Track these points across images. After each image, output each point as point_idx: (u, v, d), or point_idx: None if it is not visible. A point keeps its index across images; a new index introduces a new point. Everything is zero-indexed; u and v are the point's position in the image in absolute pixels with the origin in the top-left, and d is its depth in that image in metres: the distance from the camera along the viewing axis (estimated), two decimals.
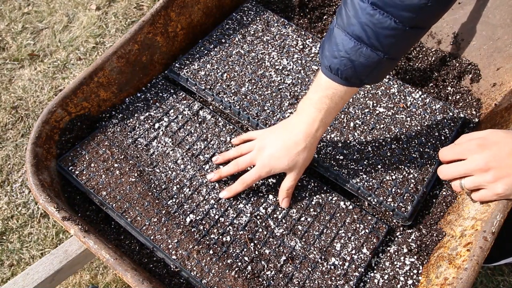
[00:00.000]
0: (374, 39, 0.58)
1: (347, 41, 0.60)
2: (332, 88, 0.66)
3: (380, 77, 0.67)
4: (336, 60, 0.62)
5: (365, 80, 0.64)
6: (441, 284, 0.61)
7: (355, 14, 0.58)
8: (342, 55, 0.61)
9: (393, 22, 0.57)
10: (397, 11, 0.56)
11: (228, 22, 1.03)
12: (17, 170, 1.44)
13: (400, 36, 0.58)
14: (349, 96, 0.68)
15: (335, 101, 0.67)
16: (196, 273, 0.71)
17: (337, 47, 0.61)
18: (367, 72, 0.62)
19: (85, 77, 0.84)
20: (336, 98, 0.67)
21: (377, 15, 0.57)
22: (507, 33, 0.90)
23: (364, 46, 0.59)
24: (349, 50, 0.60)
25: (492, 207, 0.62)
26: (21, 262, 1.27)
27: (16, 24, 1.82)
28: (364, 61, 0.60)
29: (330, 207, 0.79)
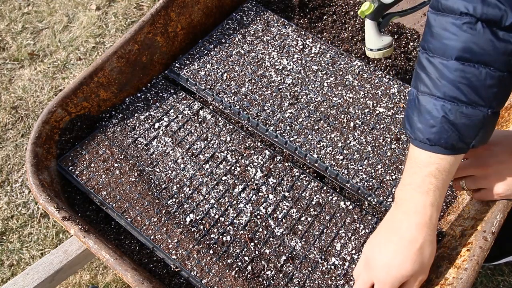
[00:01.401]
0: (472, 94, 0.52)
1: (441, 105, 0.53)
2: (436, 163, 0.56)
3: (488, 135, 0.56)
4: (435, 129, 0.54)
5: (473, 142, 0.55)
6: (441, 284, 0.61)
7: (441, 75, 0.53)
8: (440, 121, 0.54)
9: (489, 70, 0.51)
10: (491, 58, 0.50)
11: (228, 22, 1.03)
12: (17, 170, 1.44)
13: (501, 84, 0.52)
14: (455, 167, 0.57)
15: (442, 177, 0.56)
16: (196, 273, 0.71)
17: (431, 114, 0.54)
18: (474, 133, 0.54)
19: (85, 77, 0.84)
20: (443, 173, 0.56)
21: (468, 69, 0.51)
22: None
23: (463, 106, 0.53)
24: (447, 114, 0.53)
25: (492, 207, 0.62)
26: (21, 262, 1.27)
27: (16, 24, 1.82)
28: (467, 122, 0.53)
29: (330, 207, 0.79)
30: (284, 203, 0.79)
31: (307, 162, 0.83)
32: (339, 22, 1.07)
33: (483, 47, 0.50)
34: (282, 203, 0.79)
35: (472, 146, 0.55)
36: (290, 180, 0.82)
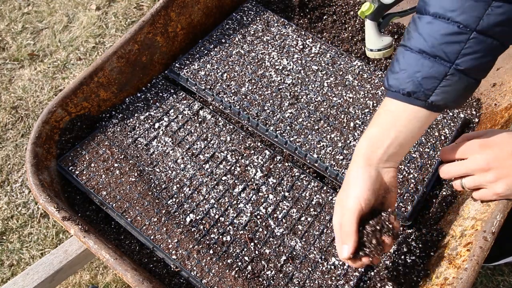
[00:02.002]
0: (437, 47, 0.54)
1: (409, 54, 0.57)
2: (392, 110, 0.59)
3: (453, 96, 0.57)
4: (397, 75, 0.58)
5: (432, 96, 0.56)
6: (441, 284, 0.61)
7: (416, 29, 0.56)
8: (403, 68, 0.57)
9: (457, 28, 0.53)
10: (462, 14, 0.52)
11: (228, 22, 1.03)
12: (17, 170, 1.44)
13: (468, 43, 0.53)
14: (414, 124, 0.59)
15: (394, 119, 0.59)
16: (196, 273, 0.71)
17: (398, 62, 0.58)
18: (433, 85, 0.56)
19: (85, 77, 0.84)
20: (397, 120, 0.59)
21: (438, 23, 0.54)
22: None
23: (427, 57, 0.55)
24: (412, 63, 0.56)
25: (492, 207, 0.62)
26: (21, 262, 1.27)
27: (16, 24, 1.82)
28: (428, 73, 0.56)
29: (330, 207, 0.79)
30: (284, 203, 0.79)
31: (307, 162, 0.83)
32: (339, 22, 1.07)
33: (456, 3, 0.52)
34: (282, 203, 0.79)
35: (431, 102, 0.56)
36: (290, 180, 0.82)
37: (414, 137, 0.60)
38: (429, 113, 0.58)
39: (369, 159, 0.59)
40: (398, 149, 0.59)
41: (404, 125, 0.59)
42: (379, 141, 0.59)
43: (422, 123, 0.59)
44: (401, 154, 0.60)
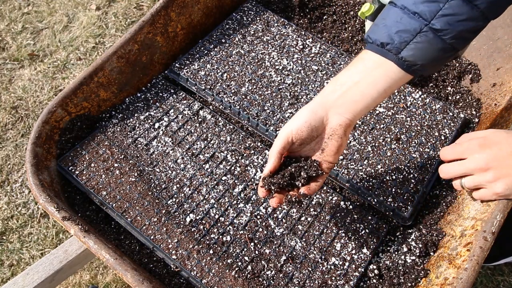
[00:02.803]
0: (417, 5, 0.55)
1: (392, 9, 0.57)
2: (366, 55, 0.59)
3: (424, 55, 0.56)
4: (376, 28, 0.58)
5: (403, 51, 0.56)
6: (441, 284, 0.61)
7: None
8: (383, 21, 0.58)
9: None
10: None
11: (228, 22, 1.03)
12: (17, 170, 1.44)
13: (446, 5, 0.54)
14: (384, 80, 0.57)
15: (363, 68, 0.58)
16: (196, 273, 0.71)
17: (381, 17, 0.59)
18: (406, 39, 0.56)
19: (85, 77, 0.84)
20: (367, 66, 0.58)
21: None
22: (507, 33, 0.90)
23: (407, 13, 0.56)
24: (392, 18, 0.57)
25: (492, 207, 0.62)
26: (21, 262, 1.27)
27: (16, 24, 1.82)
28: (403, 27, 0.56)
29: (330, 207, 0.79)
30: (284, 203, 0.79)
31: None
32: (339, 22, 1.07)
33: None
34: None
35: (402, 58, 0.56)
36: None
37: (379, 94, 0.58)
38: (398, 71, 0.57)
39: (324, 100, 0.59)
40: (357, 97, 0.58)
41: (371, 76, 0.58)
42: (341, 85, 0.59)
43: (390, 81, 0.58)
44: (359, 107, 0.58)
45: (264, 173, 0.59)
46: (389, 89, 0.58)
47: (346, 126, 0.59)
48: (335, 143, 0.59)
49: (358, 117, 0.60)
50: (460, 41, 0.56)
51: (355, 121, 0.60)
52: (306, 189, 0.59)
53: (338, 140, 0.59)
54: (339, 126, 0.58)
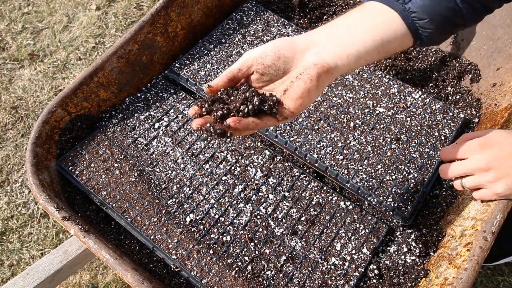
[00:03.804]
0: None
1: None
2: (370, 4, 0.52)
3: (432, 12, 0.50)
4: None
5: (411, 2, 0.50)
6: (441, 284, 0.61)
7: None
8: None
9: None
10: None
11: (228, 22, 1.03)
12: (17, 170, 1.44)
13: None
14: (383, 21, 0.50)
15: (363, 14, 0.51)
16: (196, 273, 0.71)
17: None
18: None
19: (85, 77, 0.84)
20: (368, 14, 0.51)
21: None
22: (507, 33, 0.90)
23: None
24: None
25: (492, 207, 0.62)
26: (21, 262, 1.27)
27: (16, 24, 1.81)
28: None
29: (330, 207, 0.79)
30: (284, 203, 0.79)
31: (307, 162, 0.83)
32: None
33: None
34: (282, 203, 0.79)
35: (408, 9, 0.50)
36: (290, 180, 0.82)
37: (374, 42, 0.49)
38: (401, 25, 0.50)
39: (307, 35, 0.50)
40: (346, 40, 0.49)
41: (369, 22, 0.50)
42: (331, 26, 0.51)
43: (389, 32, 0.50)
44: (346, 51, 0.49)
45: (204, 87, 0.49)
46: (387, 43, 0.50)
47: (321, 69, 0.48)
48: (301, 85, 0.47)
49: (341, 67, 0.49)
50: (471, 10, 0.51)
51: (337, 70, 0.49)
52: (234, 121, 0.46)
53: (307, 82, 0.47)
54: (314, 65, 0.48)
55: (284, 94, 0.48)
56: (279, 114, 0.48)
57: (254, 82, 0.50)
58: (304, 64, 0.48)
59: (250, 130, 0.48)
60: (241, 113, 0.47)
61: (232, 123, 0.46)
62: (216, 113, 0.47)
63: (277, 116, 0.48)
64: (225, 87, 0.49)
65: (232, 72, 0.49)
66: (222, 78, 0.49)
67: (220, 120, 0.47)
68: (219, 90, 0.49)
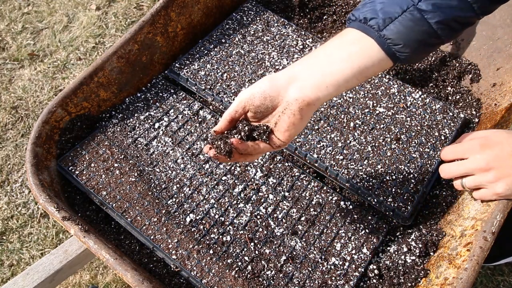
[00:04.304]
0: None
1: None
2: (348, 32, 0.55)
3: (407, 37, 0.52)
4: (362, 6, 0.55)
5: (385, 30, 0.52)
6: (441, 284, 0.61)
7: None
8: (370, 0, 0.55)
9: None
10: None
11: (228, 22, 1.03)
12: (17, 170, 1.44)
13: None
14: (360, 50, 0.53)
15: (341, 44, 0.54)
16: (196, 272, 0.71)
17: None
18: (391, 16, 0.52)
19: (85, 77, 0.84)
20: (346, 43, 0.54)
21: None
22: (507, 33, 0.90)
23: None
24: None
25: (492, 207, 0.62)
26: (21, 262, 1.27)
27: (16, 24, 1.82)
28: (389, 4, 0.53)
29: (330, 207, 0.79)
30: (284, 203, 0.79)
31: (307, 162, 0.83)
32: (339, 22, 1.07)
33: None
34: (282, 203, 0.79)
35: (383, 36, 0.53)
36: (290, 180, 0.82)
37: (352, 72, 0.53)
38: (378, 50, 0.53)
39: (289, 70, 0.54)
40: (325, 71, 0.52)
41: (347, 51, 0.53)
42: (311, 57, 0.54)
43: (367, 59, 0.53)
44: (326, 82, 0.52)
45: (211, 132, 0.56)
46: (365, 70, 0.53)
47: (302, 103, 0.52)
48: (286, 119, 0.53)
49: (322, 97, 0.53)
50: (446, 29, 0.53)
51: (318, 101, 0.53)
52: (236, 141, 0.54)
53: (290, 116, 0.52)
54: (295, 100, 0.52)
55: (275, 126, 0.55)
56: (271, 142, 0.55)
57: (251, 119, 0.56)
58: (287, 100, 0.53)
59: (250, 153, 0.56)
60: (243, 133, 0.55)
61: (234, 141, 0.54)
62: (220, 145, 0.56)
63: (270, 144, 0.55)
64: (228, 128, 0.57)
65: (230, 115, 0.55)
66: (223, 121, 0.56)
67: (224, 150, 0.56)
68: (223, 132, 0.57)
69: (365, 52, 0.53)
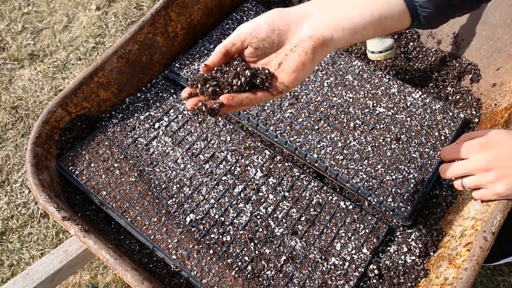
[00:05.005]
0: None
1: None
2: None
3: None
4: None
5: None
6: (441, 284, 0.61)
7: None
8: None
9: None
10: None
11: (228, 22, 1.03)
12: (17, 170, 1.44)
13: None
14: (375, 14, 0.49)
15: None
16: (196, 273, 0.71)
17: None
18: None
19: (85, 77, 0.84)
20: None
21: None
22: (507, 33, 0.90)
23: None
24: None
25: (492, 207, 0.62)
26: (21, 262, 1.27)
27: (16, 24, 1.82)
28: None
29: (330, 207, 0.79)
30: (284, 203, 0.79)
31: (307, 162, 0.83)
32: None
33: None
34: (282, 203, 0.79)
35: None
36: (290, 180, 0.82)
37: (371, 17, 0.48)
38: (400, 3, 0.49)
39: (302, 7, 0.49)
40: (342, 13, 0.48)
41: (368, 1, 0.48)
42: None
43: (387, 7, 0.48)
44: (342, 24, 0.48)
45: (201, 67, 0.48)
46: (383, 20, 0.49)
47: (317, 42, 0.46)
48: (296, 58, 0.46)
49: (337, 40, 0.48)
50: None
51: (332, 43, 0.48)
52: (227, 97, 0.45)
53: (302, 55, 0.46)
54: (309, 37, 0.46)
55: (279, 67, 0.47)
56: (273, 88, 0.47)
57: (248, 57, 0.49)
58: (299, 36, 0.47)
59: (244, 106, 0.47)
60: (234, 88, 0.46)
61: (225, 100, 0.45)
62: (207, 90, 0.46)
63: (271, 91, 0.47)
64: (222, 63, 0.48)
65: (226, 47, 0.48)
66: (217, 53, 0.48)
67: (213, 97, 0.46)
68: (214, 69, 0.49)
69: (386, 0, 0.49)
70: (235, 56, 0.49)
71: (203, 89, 0.46)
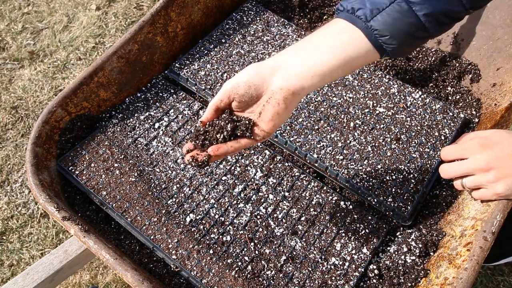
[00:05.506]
0: None
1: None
2: (335, 23, 0.54)
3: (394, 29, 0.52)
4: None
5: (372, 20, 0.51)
6: (441, 284, 0.61)
7: None
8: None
9: None
10: None
11: (228, 22, 1.03)
12: (17, 170, 1.44)
13: None
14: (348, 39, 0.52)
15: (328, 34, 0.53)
16: (196, 272, 0.71)
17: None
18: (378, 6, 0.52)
19: (85, 77, 0.84)
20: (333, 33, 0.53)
21: None
22: (507, 33, 0.90)
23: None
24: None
25: (492, 207, 0.62)
26: (21, 262, 1.27)
27: (16, 24, 1.81)
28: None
29: (330, 207, 0.79)
30: (284, 203, 0.79)
31: (307, 162, 0.83)
32: None
33: None
34: (282, 203, 0.79)
35: (370, 27, 0.52)
36: (290, 180, 0.82)
37: (338, 62, 0.52)
38: (365, 42, 0.52)
39: (275, 59, 0.54)
40: (310, 61, 0.52)
41: (334, 41, 0.53)
42: (298, 46, 0.54)
43: (353, 50, 0.52)
44: (311, 72, 0.52)
45: (197, 125, 0.56)
46: (350, 61, 0.53)
47: (287, 93, 0.52)
48: (271, 109, 0.52)
49: (307, 87, 0.53)
50: (434, 23, 0.53)
51: (303, 91, 0.53)
52: (213, 150, 0.53)
53: (275, 105, 0.52)
54: (279, 89, 0.52)
55: (259, 117, 0.54)
56: (255, 135, 0.54)
57: (235, 108, 0.56)
58: (272, 89, 0.53)
59: (230, 153, 0.55)
60: (220, 140, 0.54)
61: (211, 151, 0.54)
62: (198, 144, 0.55)
63: (253, 138, 0.55)
64: (214, 117, 0.56)
65: (215, 104, 0.55)
66: (209, 111, 0.56)
67: (203, 150, 0.55)
68: (209, 123, 0.56)
69: (351, 42, 0.53)
70: (226, 109, 0.56)
71: (196, 143, 0.55)
